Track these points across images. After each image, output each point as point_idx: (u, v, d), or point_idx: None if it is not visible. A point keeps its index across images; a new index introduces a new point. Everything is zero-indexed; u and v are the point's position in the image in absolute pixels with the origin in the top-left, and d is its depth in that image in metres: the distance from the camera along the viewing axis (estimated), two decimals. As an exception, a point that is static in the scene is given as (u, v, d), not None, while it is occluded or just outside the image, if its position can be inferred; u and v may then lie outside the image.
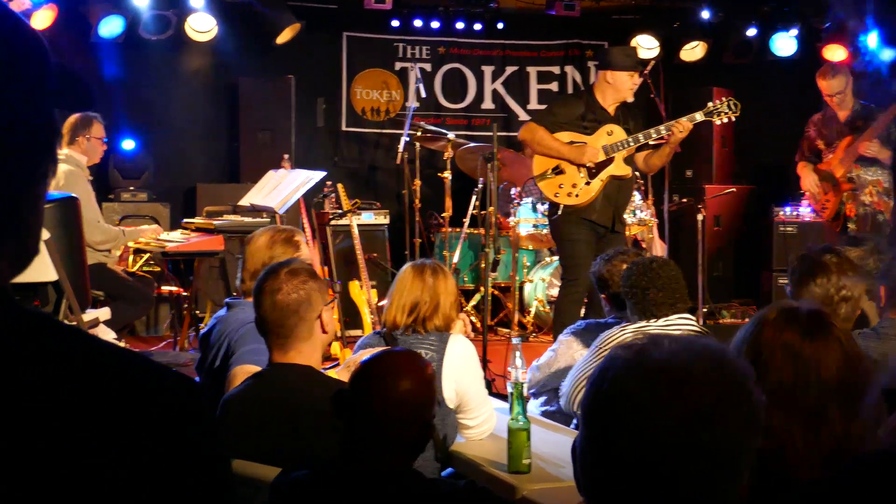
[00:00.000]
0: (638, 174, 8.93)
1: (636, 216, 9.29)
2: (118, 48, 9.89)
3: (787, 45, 10.77)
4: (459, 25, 11.17)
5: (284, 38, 10.32)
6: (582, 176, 7.20)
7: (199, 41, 10.15)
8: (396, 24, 11.07)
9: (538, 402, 5.21)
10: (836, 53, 10.15)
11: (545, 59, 11.79)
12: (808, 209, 9.92)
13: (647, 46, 10.88)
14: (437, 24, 11.13)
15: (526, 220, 9.53)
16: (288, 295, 3.42)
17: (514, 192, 9.64)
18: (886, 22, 9.07)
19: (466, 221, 9.51)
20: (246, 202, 8.18)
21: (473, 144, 9.75)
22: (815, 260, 4.01)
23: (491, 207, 7.31)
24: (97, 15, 9.47)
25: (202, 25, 10.01)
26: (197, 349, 5.66)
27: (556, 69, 11.78)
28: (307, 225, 8.23)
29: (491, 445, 4.10)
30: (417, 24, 11.11)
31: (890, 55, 8.78)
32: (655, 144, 7.33)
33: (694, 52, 11.09)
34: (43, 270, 4.62)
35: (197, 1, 9.72)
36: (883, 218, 8.04)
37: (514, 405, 3.76)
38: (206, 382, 4.34)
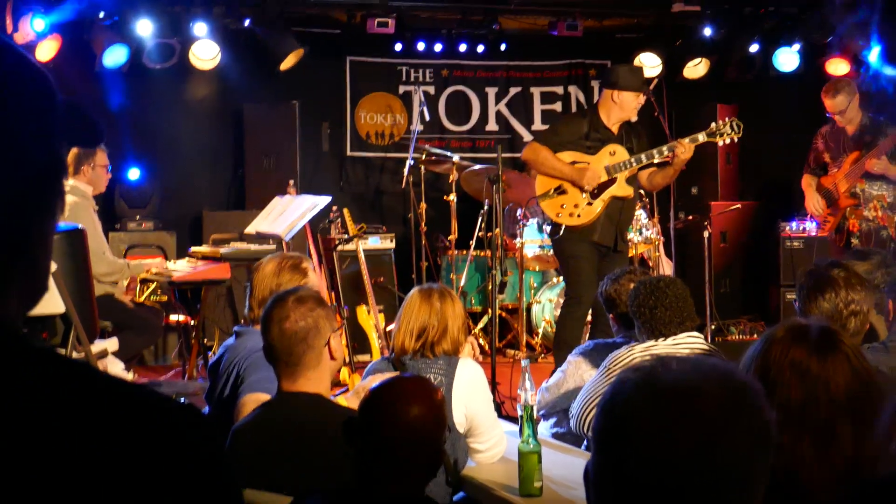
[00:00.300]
0: (643, 192, 8.94)
1: (642, 234, 9.28)
2: (123, 77, 9.92)
3: (789, 60, 10.77)
4: (462, 48, 11.18)
5: (288, 64, 10.35)
6: (584, 196, 7.21)
7: (203, 69, 10.18)
8: (399, 47, 11.09)
9: (548, 423, 5.20)
10: (838, 68, 10.16)
11: (548, 79, 11.81)
12: (813, 224, 9.91)
13: (650, 64, 10.89)
14: (439, 46, 11.15)
15: (532, 241, 9.53)
16: (296, 323, 3.42)
17: (519, 213, 9.63)
18: (889, 37, 9.08)
19: (472, 244, 9.52)
20: (252, 229, 8.19)
21: (478, 166, 9.76)
22: (822, 275, 4.00)
23: (497, 229, 7.31)
24: (101, 45, 9.50)
25: (206, 53, 10.04)
26: (206, 378, 5.66)
27: (559, 89, 11.80)
28: (313, 251, 8.23)
29: (502, 469, 4.10)
30: (420, 47, 11.13)
31: (893, 71, 8.78)
32: (659, 163, 7.33)
33: (697, 69, 11.10)
34: (51, 302, 4.63)
35: (200, 29, 9.75)
36: (887, 234, 8.02)
37: (524, 428, 3.75)
38: (215, 411, 4.34)
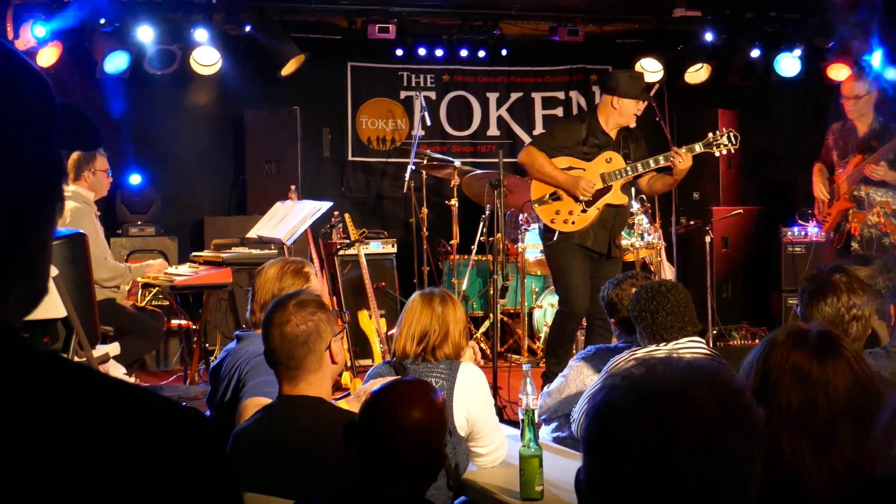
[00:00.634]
0: (644, 197, 8.95)
1: (644, 239, 9.28)
2: (124, 84, 9.93)
3: (791, 65, 10.77)
4: (463, 53, 11.18)
5: (289, 69, 10.35)
6: (578, 203, 7.22)
7: (204, 75, 10.19)
8: (400, 52, 11.08)
9: (549, 428, 5.20)
10: (840, 73, 10.16)
11: (549, 84, 11.81)
12: (815, 229, 9.90)
13: (651, 70, 10.89)
14: (440, 52, 11.15)
15: (533, 245, 9.52)
16: (297, 327, 3.42)
17: (521, 217, 9.64)
18: (890, 41, 9.07)
19: (474, 248, 9.52)
20: (253, 234, 8.20)
21: (480, 171, 9.76)
22: (824, 280, 4.00)
23: (498, 234, 7.32)
24: (102, 51, 9.51)
25: (207, 59, 10.05)
26: (207, 382, 5.66)
27: (560, 94, 11.81)
28: (315, 255, 8.23)
29: (503, 473, 4.10)
30: (421, 52, 11.12)
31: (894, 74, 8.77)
32: (660, 168, 7.34)
33: (698, 74, 11.10)
34: (52, 307, 4.63)
35: (201, 35, 9.76)
36: (889, 241, 8.00)
37: (525, 432, 3.75)
38: (216, 415, 4.34)
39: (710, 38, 10.68)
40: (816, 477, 2.13)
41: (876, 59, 9.13)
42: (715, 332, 9.55)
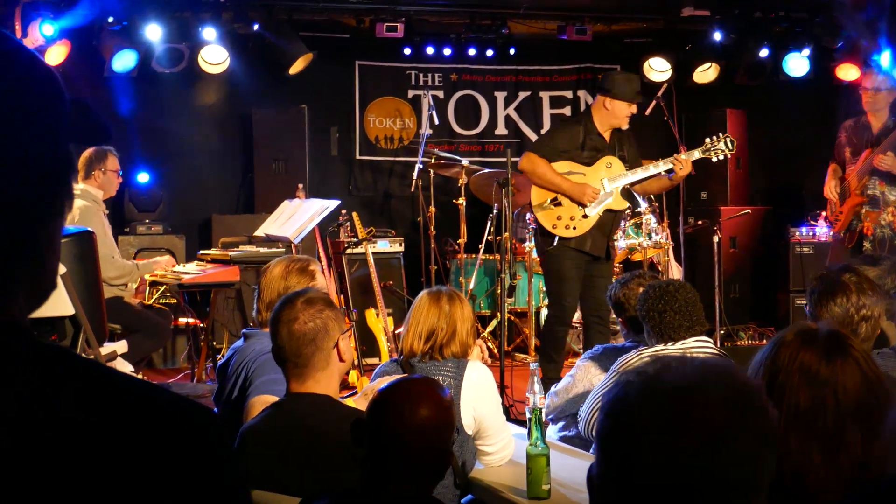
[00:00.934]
0: (653, 197, 8.95)
1: (652, 239, 9.27)
2: (132, 82, 9.95)
3: (799, 65, 10.75)
4: (471, 52, 11.18)
5: (297, 68, 10.36)
6: (580, 209, 7.24)
7: (212, 73, 10.20)
8: (408, 51, 11.09)
9: (557, 427, 5.20)
10: (849, 73, 10.14)
11: (557, 83, 11.81)
12: (824, 229, 9.88)
13: (659, 69, 10.89)
14: (448, 51, 11.15)
15: (541, 245, 9.51)
16: (304, 324, 3.42)
17: (528, 217, 9.63)
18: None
19: (482, 247, 9.52)
20: (261, 232, 8.20)
21: (487, 170, 9.75)
22: (834, 279, 3.99)
23: (506, 233, 7.31)
24: (110, 49, 9.53)
25: (215, 58, 10.06)
26: (214, 380, 5.66)
27: (568, 94, 11.80)
28: (322, 254, 8.24)
29: (510, 471, 4.09)
30: (429, 51, 11.13)
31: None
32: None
33: (707, 73, 11.09)
34: (60, 305, 4.63)
35: (209, 33, 9.77)
36: None
37: (532, 431, 3.75)
38: (223, 413, 4.34)
39: (718, 37, 10.67)
40: (824, 477, 2.12)
41: (885, 59, 9.11)
42: (722, 332, 9.53)
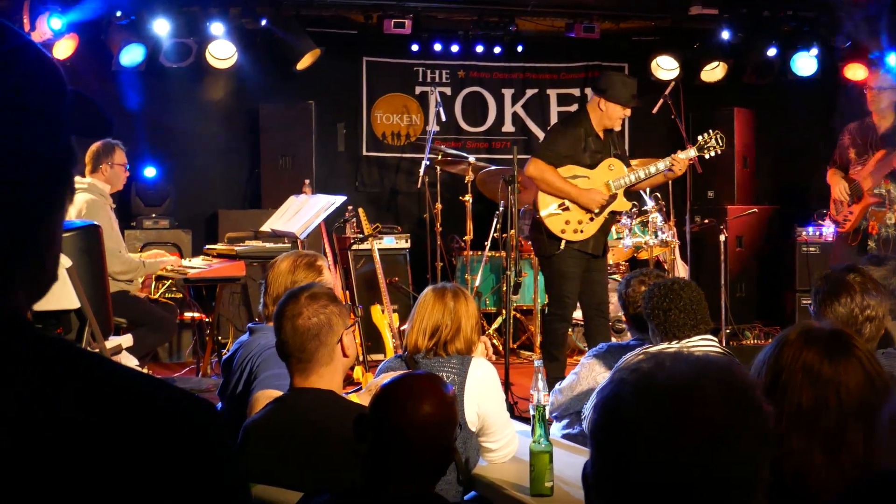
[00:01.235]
0: (659, 195, 8.96)
1: (658, 237, 9.27)
2: (139, 76, 9.96)
3: (807, 64, 10.74)
4: (479, 49, 11.18)
5: (304, 64, 10.37)
6: (587, 213, 7.27)
7: (219, 68, 10.22)
8: (416, 48, 11.09)
9: (560, 424, 5.20)
10: (856, 73, 10.12)
11: (565, 81, 11.80)
12: (830, 229, 9.86)
13: (667, 67, 10.89)
14: (456, 47, 11.15)
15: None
16: (308, 319, 3.42)
17: (522, 213, 9.64)
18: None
19: (488, 244, 9.52)
20: (267, 228, 8.21)
21: (494, 167, 9.75)
22: (838, 279, 3.99)
23: (512, 230, 7.31)
24: (118, 44, 9.53)
25: (223, 53, 10.07)
26: (219, 375, 5.67)
27: (575, 91, 11.79)
28: (328, 250, 8.24)
29: (513, 468, 4.09)
30: (437, 48, 11.13)
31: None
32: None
33: (714, 72, 11.08)
34: (65, 298, 4.65)
35: (217, 28, 9.78)
36: None
37: (536, 428, 3.75)
38: (228, 407, 4.35)
39: (726, 36, 10.66)
40: (825, 477, 2.12)
41: (892, 59, 9.10)
42: (728, 331, 9.53)
